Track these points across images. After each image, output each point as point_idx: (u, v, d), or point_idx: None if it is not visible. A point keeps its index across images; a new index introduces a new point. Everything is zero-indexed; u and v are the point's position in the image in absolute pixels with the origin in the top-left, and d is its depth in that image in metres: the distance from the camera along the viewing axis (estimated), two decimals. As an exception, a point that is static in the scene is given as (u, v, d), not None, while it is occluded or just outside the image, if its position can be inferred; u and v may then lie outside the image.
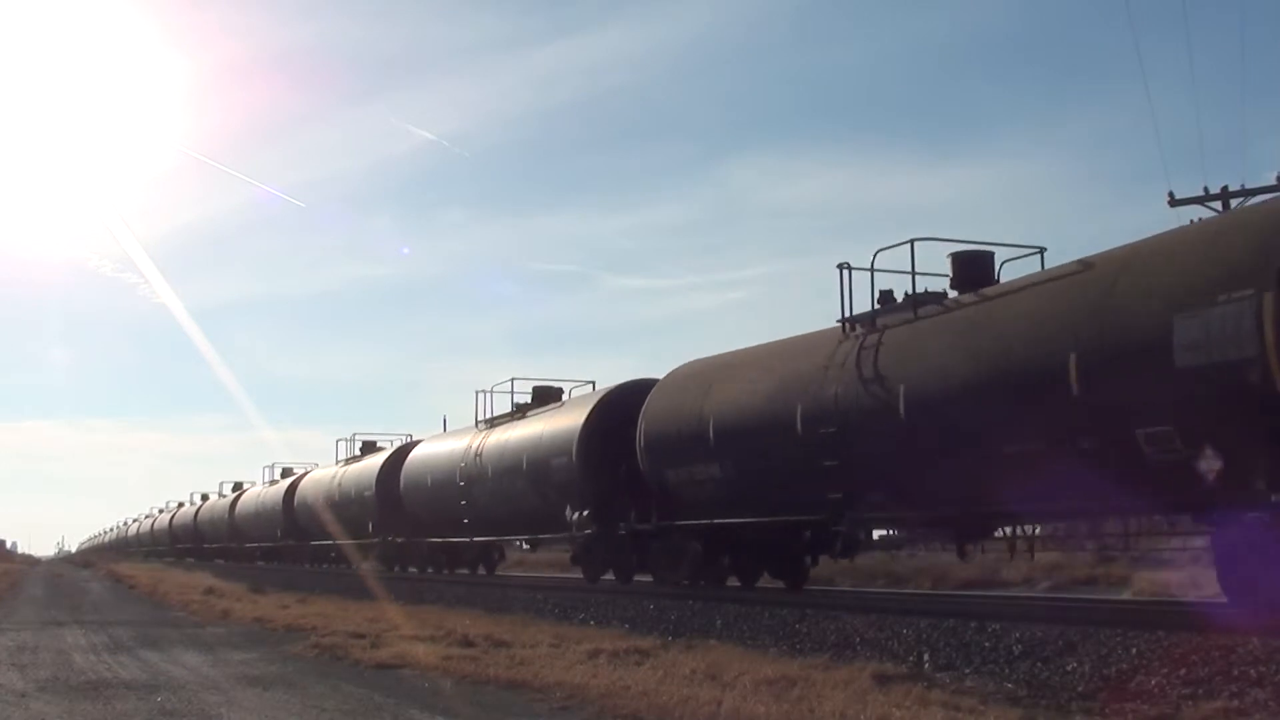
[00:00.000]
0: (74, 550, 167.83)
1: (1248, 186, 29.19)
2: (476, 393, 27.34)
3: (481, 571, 30.99)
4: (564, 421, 22.13)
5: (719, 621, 13.95)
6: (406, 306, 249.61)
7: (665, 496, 18.70)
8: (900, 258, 15.04)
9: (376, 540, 33.86)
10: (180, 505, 76.82)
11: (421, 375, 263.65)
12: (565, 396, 25.19)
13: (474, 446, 26.18)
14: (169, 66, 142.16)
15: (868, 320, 15.20)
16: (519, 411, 25.74)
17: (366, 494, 34.55)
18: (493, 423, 26.69)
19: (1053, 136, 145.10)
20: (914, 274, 14.95)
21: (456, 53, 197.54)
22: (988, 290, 13.99)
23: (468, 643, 12.84)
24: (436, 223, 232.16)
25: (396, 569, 33.53)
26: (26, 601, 26.24)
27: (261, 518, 49.03)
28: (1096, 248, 12.93)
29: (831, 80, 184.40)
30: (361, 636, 13.85)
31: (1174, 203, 30.75)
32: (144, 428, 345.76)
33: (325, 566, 40.90)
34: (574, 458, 20.99)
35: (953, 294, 14.63)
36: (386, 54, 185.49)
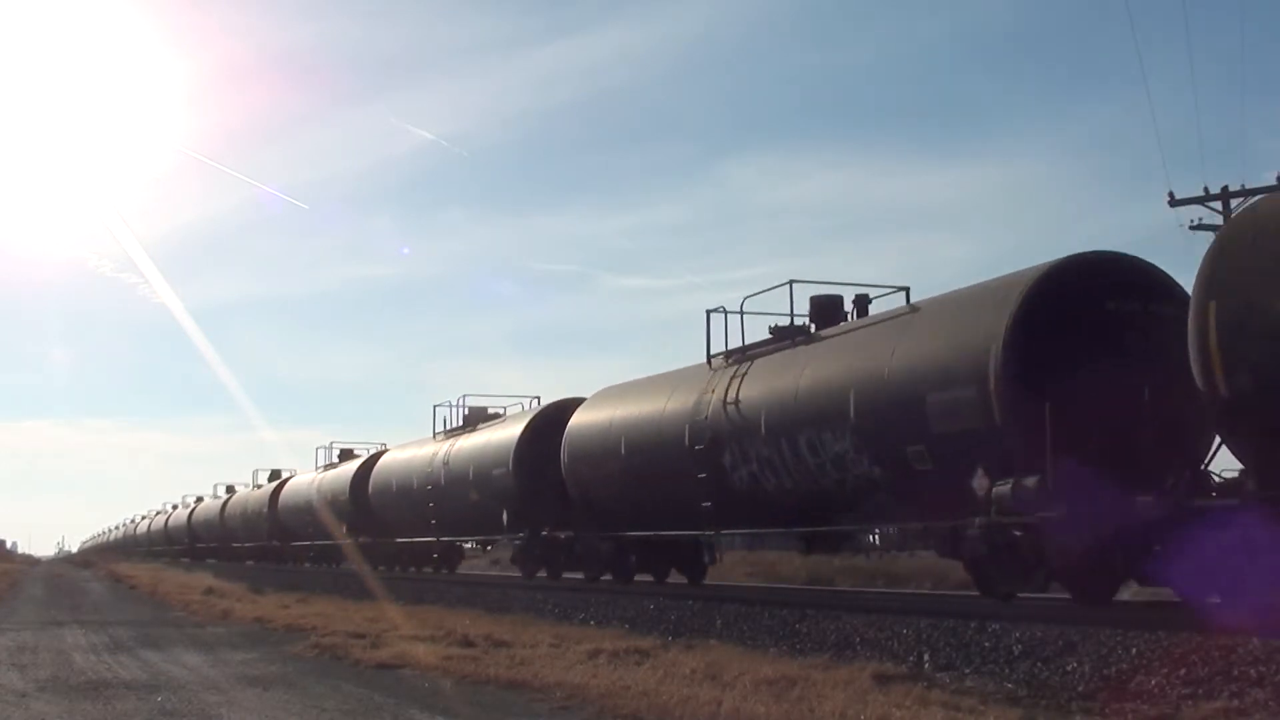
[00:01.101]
0: (74, 550, 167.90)
1: (1248, 186, 29.30)
2: (708, 312, 18.87)
3: (679, 579, 21.89)
4: (961, 321, 13.53)
5: (719, 621, 13.94)
6: (406, 306, 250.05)
7: None
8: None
9: (521, 536, 24.93)
10: (199, 500, 67.74)
11: (421, 375, 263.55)
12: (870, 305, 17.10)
13: (721, 393, 17.50)
14: (169, 66, 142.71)
15: None
16: (799, 335, 17.17)
17: (496, 473, 25.55)
18: (744, 355, 17.87)
19: (1053, 136, 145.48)
20: None
21: (456, 53, 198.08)
22: None
23: (468, 643, 12.84)
24: (436, 223, 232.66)
25: (543, 573, 24.80)
26: (26, 601, 26.23)
27: (317, 511, 39.24)
28: (1097, 247, 12.74)
29: (831, 80, 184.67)
30: (361, 636, 13.85)
31: (1174, 203, 30.84)
32: (144, 428, 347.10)
33: (418, 570, 33.10)
34: (994, 384, 12.39)
35: None
36: (386, 54, 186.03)
